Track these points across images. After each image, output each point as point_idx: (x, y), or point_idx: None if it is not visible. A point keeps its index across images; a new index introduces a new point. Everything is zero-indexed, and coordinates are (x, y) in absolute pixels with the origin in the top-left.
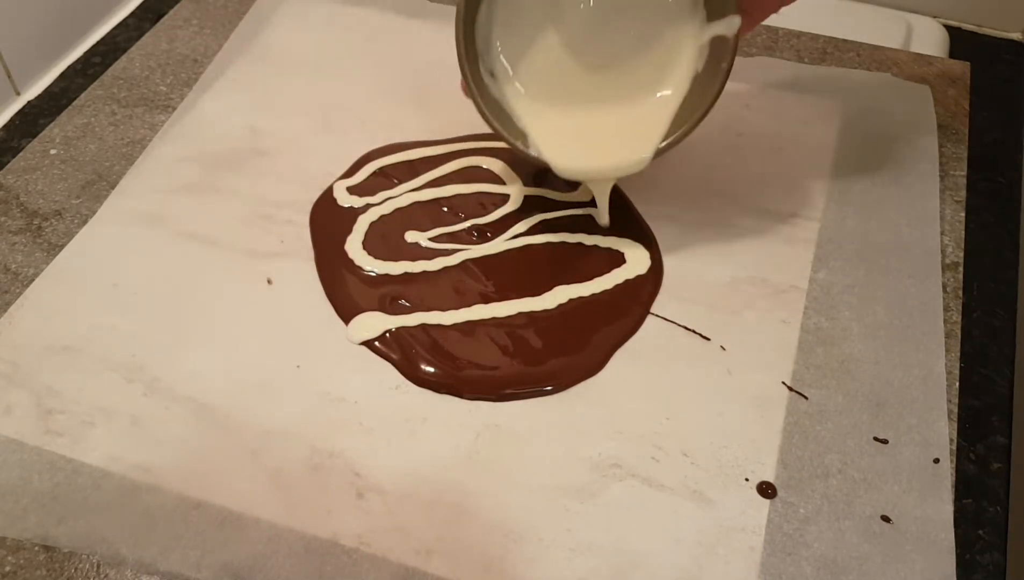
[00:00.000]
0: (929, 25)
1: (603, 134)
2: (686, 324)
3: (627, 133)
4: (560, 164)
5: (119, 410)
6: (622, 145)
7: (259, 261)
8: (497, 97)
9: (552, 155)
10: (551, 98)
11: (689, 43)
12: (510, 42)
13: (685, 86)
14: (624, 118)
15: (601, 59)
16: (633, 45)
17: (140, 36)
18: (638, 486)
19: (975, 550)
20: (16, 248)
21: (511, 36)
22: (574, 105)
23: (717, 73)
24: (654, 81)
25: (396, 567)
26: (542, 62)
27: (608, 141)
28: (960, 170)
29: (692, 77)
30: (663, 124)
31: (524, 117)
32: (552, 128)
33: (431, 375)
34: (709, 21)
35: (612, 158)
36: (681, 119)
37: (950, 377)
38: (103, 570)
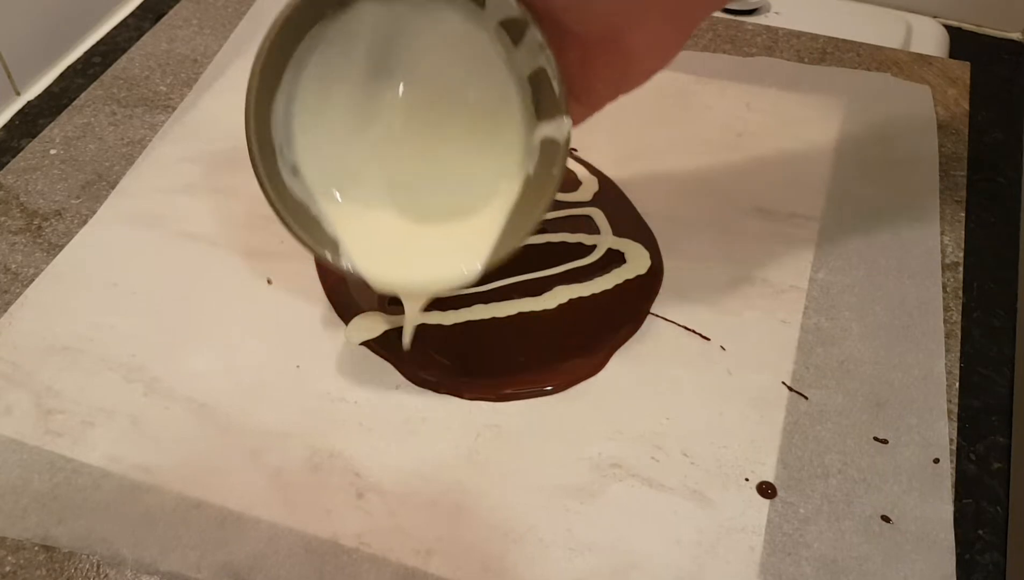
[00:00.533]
0: (929, 25)
1: (425, 243)
2: (686, 324)
3: (453, 242)
4: (376, 277)
5: (119, 410)
6: (447, 257)
7: (259, 261)
8: (302, 198)
9: (367, 266)
10: (365, 202)
11: (518, 145)
12: (317, 138)
13: (516, 190)
14: (448, 225)
15: (424, 157)
16: (459, 146)
17: (140, 36)
18: (638, 486)
19: (975, 550)
20: (16, 248)
21: (318, 131)
22: (393, 211)
23: (548, 178)
24: (482, 184)
25: (396, 567)
26: (354, 160)
27: (432, 252)
28: (960, 170)
29: (523, 180)
30: (492, 233)
31: (335, 222)
32: (366, 235)
33: (431, 375)
34: (539, 121)
35: (437, 271)
36: (513, 226)
37: (950, 377)
38: (103, 570)
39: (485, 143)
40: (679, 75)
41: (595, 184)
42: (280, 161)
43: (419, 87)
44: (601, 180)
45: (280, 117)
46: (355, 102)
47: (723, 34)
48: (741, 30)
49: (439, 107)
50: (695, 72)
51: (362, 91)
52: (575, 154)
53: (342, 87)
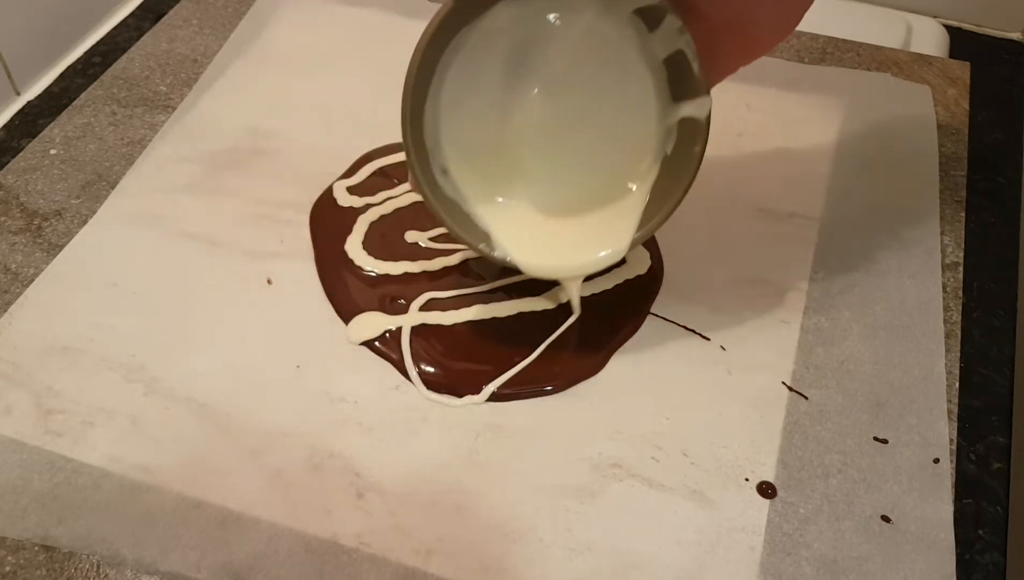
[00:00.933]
0: (929, 25)
1: (572, 229)
2: (686, 324)
3: (598, 226)
4: (531, 264)
5: (119, 410)
6: (594, 239)
7: (259, 261)
8: (452, 197)
9: (521, 255)
10: (511, 194)
11: (655, 127)
12: (462, 139)
13: (654, 171)
14: (592, 210)
15: (563, 150)
16: (595, 135)
17: (140, 36)
18: (638, 486)
19: (975, 550)
20: (16, 248)
21: (463, 133)
22: (539, 201)
23: (690, 157)
24: (621, 169)
25: (396, 567)
26: (498, 157)
27: (579, 236)
28: (960, 170)
29: (661, 161)
30: (635, 214)
31: (484, 216)
32: (516, 226)
33: (431, 375)
34: (676, 101)
35: (585, 254)
36: (653, 205)
37: (950, 377)
38: (103, 570)
39: (623, 129)
40: None
41: None
42: (432, 163)
43: (556, 81)
44: None
45: (429, 122)
46: (497, 101)
47: None
48: None
49: (577, 98)
50: None
51: (502, 90)
52: None
53: (483, 90)
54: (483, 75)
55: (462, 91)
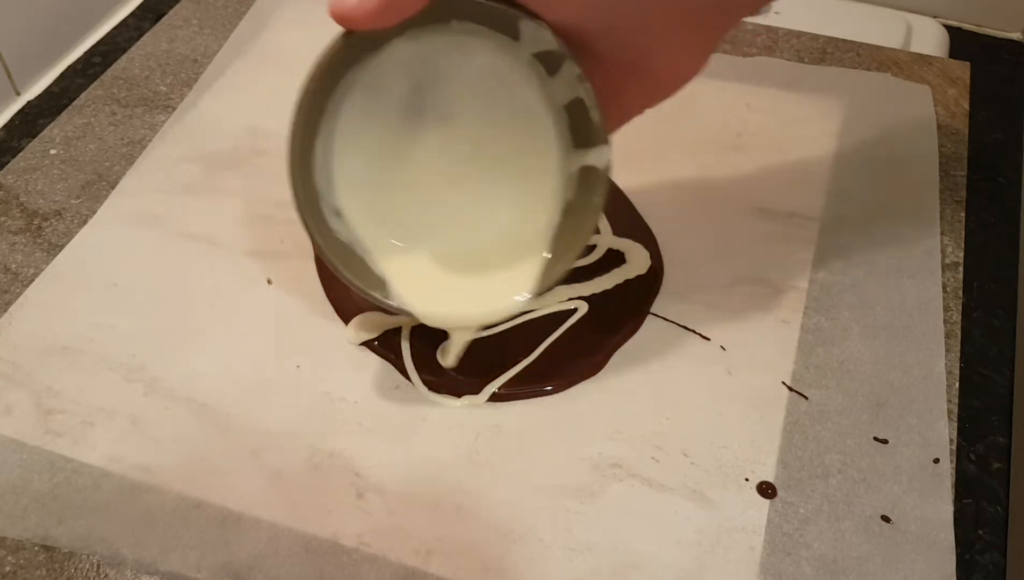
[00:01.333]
0: (929, 25)
1: (470, 277)
2: (686, 324)
3: (498, 274)
4: (426, 313)
5: (119, 410)
6: (495, 289)
7: (259, 261)
8: (346, 240)
9: (416, 303)
10: (408, 238)
11: (557, 173)
12: (356, 181)
13: (556, 219)
14: (492, 257)
15: (462, 194)
16: (496, 177)
17: (140, 36)
18: (638, 486)
19: (975, 550)
20: (16, 248)
21: (357, 174)
22: (436, 247)
23: (590, 206)
24: (522, 214)
25: (396, 567)
26: (394, 200)
27: (478, 285)
28: (960, 170)
29: (563, 208)
30: (536, 262)
31: (380, 261)
32: (412, 272)
33: (431, 375)
34: (577, 148)
35: (484, 304)
36: (557, 253)
37: (950, 377)
38: (103, 570)
39: (523, 174)
40: None
41: None
42: (323, 205)
43: (454, 122)
44: None
45: (320, 162)
46: (392, 142)
47: None
48: (741, 30)
49: (476, 141)
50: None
51: (398, 131)
52: None
53: (378, 129)
54: (378, 113)
55: (356, 130)
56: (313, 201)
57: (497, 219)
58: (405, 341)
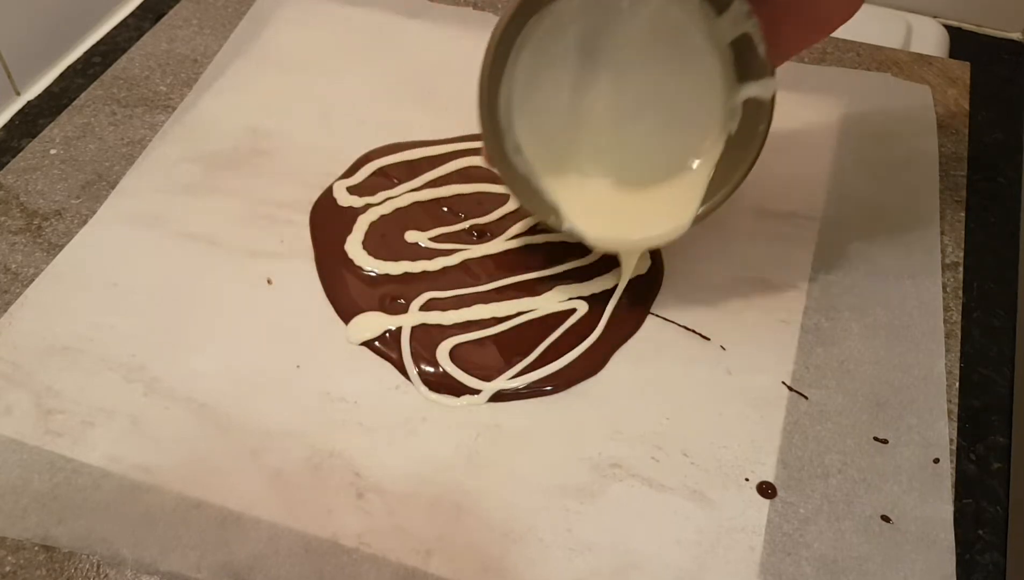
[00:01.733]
0: (929, 25)
1: (636, 204)
2: (686, 324)
3: (661, 202)
4: (596, 237)
5: (119, 410)
6: (658, 214)
7: (259, 261)
8: (524, 173)
9: (587, 228)
10: (580, 170)
11: (720, 107)
12: (534, 119)
13: (718, 150)
14: (657, 186)
15: (630, 129)
16: (661, 114)
17: (140, 36)
18: (638, 486)
19: (975, 550)
20: (16, 248)
21: (535, 113)
22: (605, 178)
23: (754, 136)
24: (686, 147)
25: (396, 567)
26: (568, 135)
27: (643, 211)
28: (960, 170)
29: (725, 140)
30: (698, 190)
31: (554, 191)
32: (583, 200)
33: (431, 375)
34: (740, 82)
35: (649, 228)
36: (716, 182)
37: (950, 377)
38: (103, 570)
39: (688, 108)
40: None
41: None
42: (506, 142)
43: (625, 62)
44: None
45: (504, 103)
46: (569, 82)
47: None
48: None
49: (644, 79)
50: None
51: (574, 72)
52: None
53: (557, 70)
54: (556, 58)
55: (535, 73)
56: (498, 140)
57: (662, 151)
58: (405, 341)
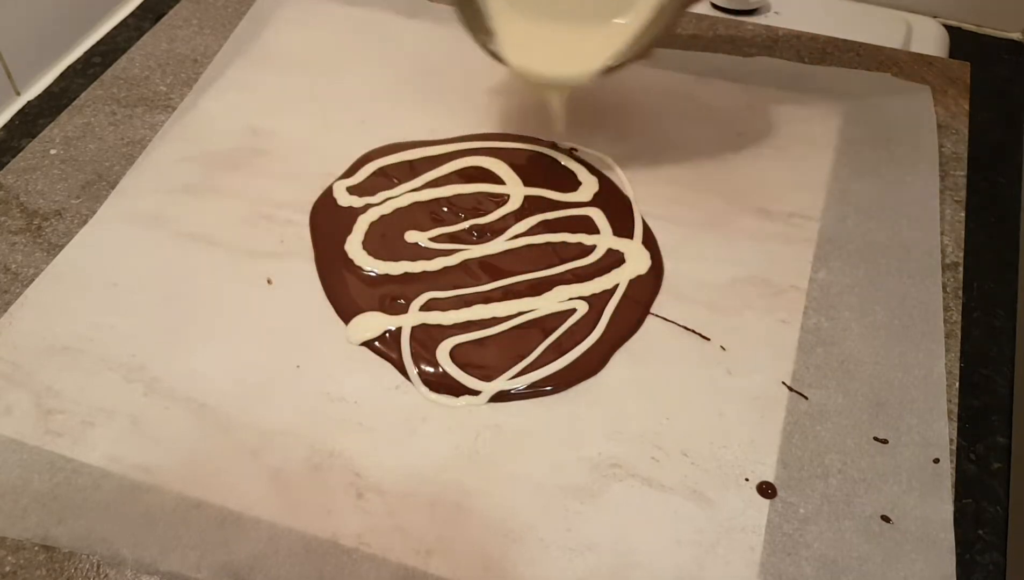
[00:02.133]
0: (929, 25)
1: (563, 45)
2: (686, 324)
3: (584, 47)
4: (518, 64)
5: (119, 410)
6: (576, 57)
7: (259, 261)
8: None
9: (511, 54)
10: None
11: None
12: None
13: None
14: (586, 33)
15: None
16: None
17: (140, 36)
18: (638, 486)
19: (975, 550)
20: (16, 248)
21: None
22: (543, 15)
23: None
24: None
25: (396, 567)
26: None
27: (566, 52)
28: (960, 170)
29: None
30: (619, 44)
31: (494, 16)
32: (517, 31)
33: (431, 375)
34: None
35: (565, 67)
36: (637, 42)
37: (950, 377)
38: (103, 570)
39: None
40: (679, 75)
41: (595, 184)
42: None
43: None
44: (601, 180)
45: None
46: None
47: (723, 34)
48: (741, 30)
49: None
50: (695, 72)
51: None
52: (575, 154)
53: None
54: None
55: None
56: None
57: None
58: (405, 341)
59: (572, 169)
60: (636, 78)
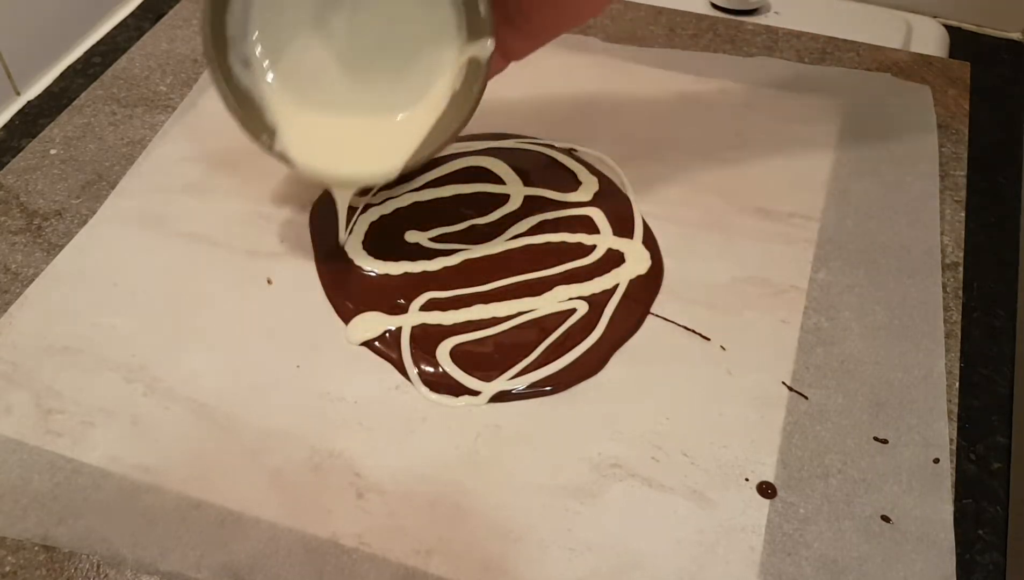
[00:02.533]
0: (929, 25)
1: (354, 141)
2: (686, 324)
3: (379, 143)
4: (303, 163)
5: (119, 410)
6: (371, 154)
7: (259, 261)
8: (248, 87)
9: (297, 153)
10: (307, 98)
11: (449, 62)
12: (268, 34)
13: (443, 103)
14: (379, 128)
15: (364, 66)
16: (396, 57)
17: (140, 36)
18: (638, 486)
19: (975, 550)
20: (16, 248)
21: (270, 28)
22: (330, 108)
23: (468, 95)
24: (413, 95)
25: (396, 567)
26: (302, 60)
27: (358, 149)
28: (960, 170)
29: (451, 95)
30: (416, 139)
31: (276, 112)
32: (303, 127)
33: (431, 375)
34: (468, 42)
35: (358, 165)
36: (434, 136)
37: (950, 377)
38: (103, 570)
39: (422, 56)
40: (679, 75)
41: (595, 184)
42: (232, 53)
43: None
44: (601, 180)
45: (238, 13)
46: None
47: (723, 34)
48: (741, 30)
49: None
50: (695, 72)
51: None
52: (575, 154)
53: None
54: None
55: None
56: (221, 47)
57: (391, 95)
58: (405, 341)
59: (572, 169)
60: (636, 78)
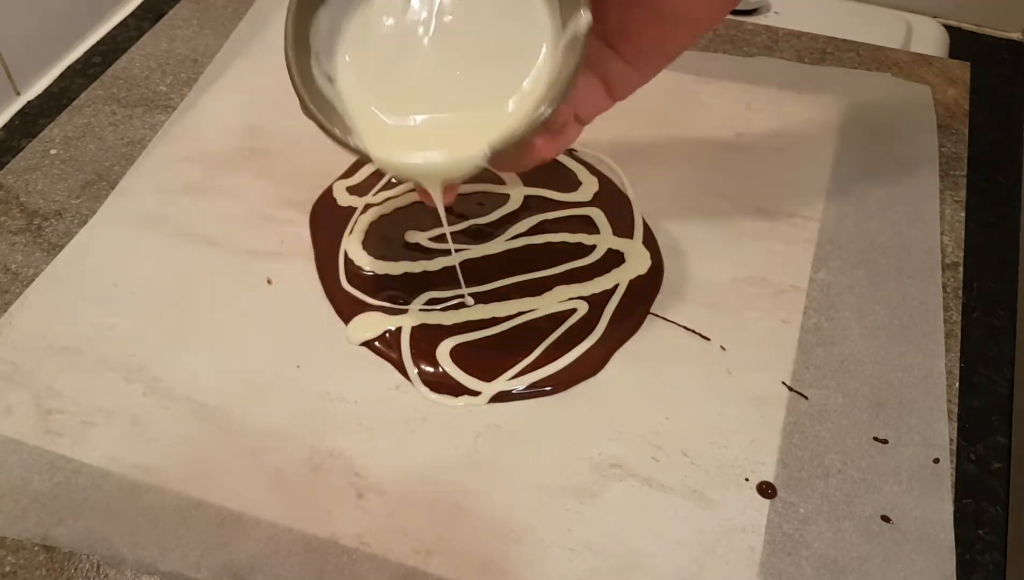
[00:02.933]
0: (929, 25)
1: (438, 134)
2: (686, 324)
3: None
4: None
5: (119, 410)
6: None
7: (259, 261)
8: (330, 97)
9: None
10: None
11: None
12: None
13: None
14: (465, 120)
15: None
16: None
17: (140, 36)
18: (638, 486)
19: (975, 550)
20: (16, 248)
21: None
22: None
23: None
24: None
25: (396, 567)
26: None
27: (443, 140)
28: (960, 170)
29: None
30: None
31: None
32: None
33: (431, 375)
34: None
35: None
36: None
37: (950, 377)
38: (103, 570)
39: (513, 49)
40: (679, 75)
41: (595, 184)
42: (315, 67)
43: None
44: (601, 180)
45: (323, 30)
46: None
47: (723, 34)
48: (741, 30)
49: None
50: (695, 72)
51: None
52: (575, 154)
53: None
54: None
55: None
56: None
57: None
58: (405, 341)
59: (572, 169)
60: None
